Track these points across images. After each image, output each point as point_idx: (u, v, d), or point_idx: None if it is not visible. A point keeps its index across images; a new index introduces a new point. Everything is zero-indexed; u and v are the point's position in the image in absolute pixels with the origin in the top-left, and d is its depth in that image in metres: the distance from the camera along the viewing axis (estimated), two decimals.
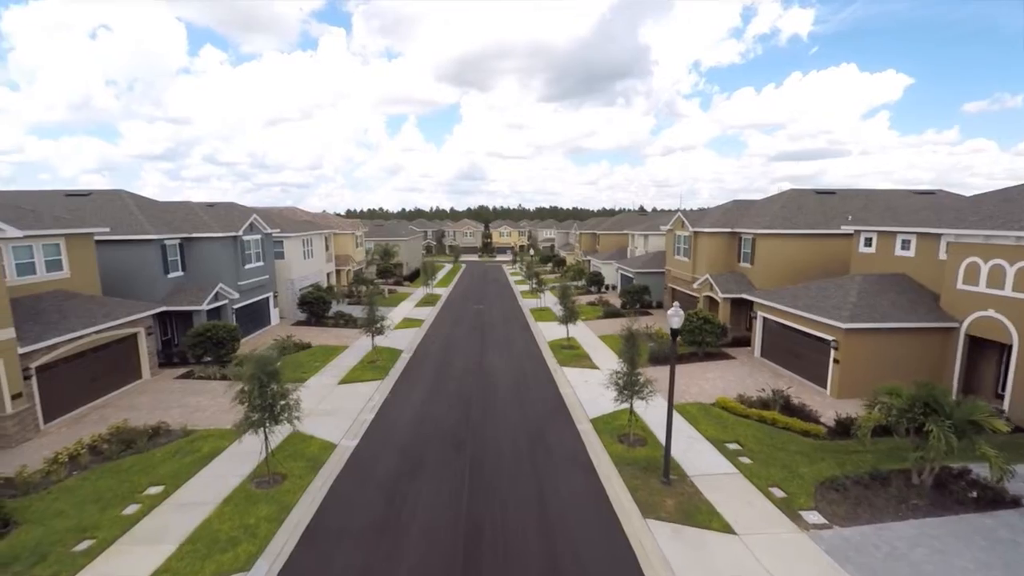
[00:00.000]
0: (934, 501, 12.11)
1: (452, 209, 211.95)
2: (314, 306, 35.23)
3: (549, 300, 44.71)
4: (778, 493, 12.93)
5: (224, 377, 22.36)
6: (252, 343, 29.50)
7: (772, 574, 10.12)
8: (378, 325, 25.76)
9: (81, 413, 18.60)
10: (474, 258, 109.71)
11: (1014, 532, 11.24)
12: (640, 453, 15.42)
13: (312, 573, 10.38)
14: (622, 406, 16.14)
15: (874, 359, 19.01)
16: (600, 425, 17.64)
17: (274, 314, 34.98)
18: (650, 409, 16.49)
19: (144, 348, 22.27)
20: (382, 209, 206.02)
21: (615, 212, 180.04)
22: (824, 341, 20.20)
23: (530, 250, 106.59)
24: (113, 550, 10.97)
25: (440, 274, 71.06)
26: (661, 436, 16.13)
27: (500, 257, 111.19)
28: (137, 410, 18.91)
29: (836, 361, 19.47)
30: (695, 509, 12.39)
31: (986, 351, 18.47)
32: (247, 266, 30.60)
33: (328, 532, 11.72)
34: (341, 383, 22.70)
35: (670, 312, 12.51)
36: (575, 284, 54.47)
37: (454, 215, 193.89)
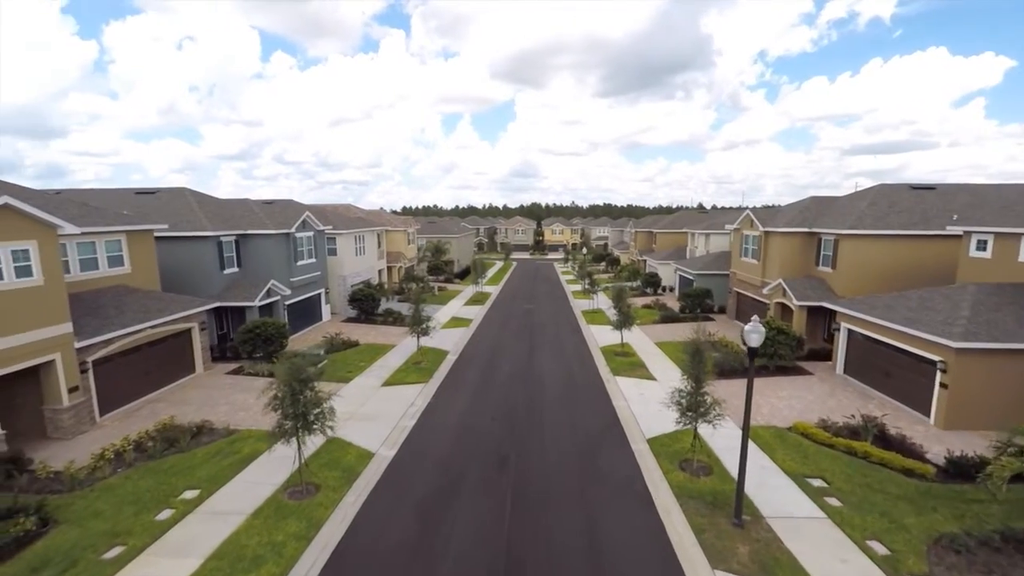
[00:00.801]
0: None
1: (504, 206, 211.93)
2: (363, 303, 35.27)
3: (602, 301, 42.76)
4: (879, 549, 10.76)
5: (271, 375, 22.37)
6: (303, 339, 29.76)
7: None
8: (423, 326, 25.03)
9: (135, 407, 18.96)
10: (525, 256, 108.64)
11: None
12: (705, 484, 13.57)
13: None
14: (683, 426, 14.30)
15: (993, 386, 16.03)
16: (658, 447, 15.86)
17: (325, 310, 35.30)
18: (716, 431, 14.54)
19: (197, 343, 22.63)
20: (436, 206, 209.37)
21: (672, 210, 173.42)
22: (926, 361, 17.33)
23: (582, 248, 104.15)
24: (140, 560, 10.57)
25: (490, 272, 70.45)
26: (729, 464, 14.25)
27: (552, 255, 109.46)
28: (187, 405, 19.07)
29: (943, 385, 16.60)
30: (774, 562, 10.49)
31: None
32: (299, 263, 30.87)
33: (357, 556, 10.82)
34: (385, 385, 22.12)
35: (748, 328, 10.65)
36: (629, 285, 52.07)
37: (506, 212, 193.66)
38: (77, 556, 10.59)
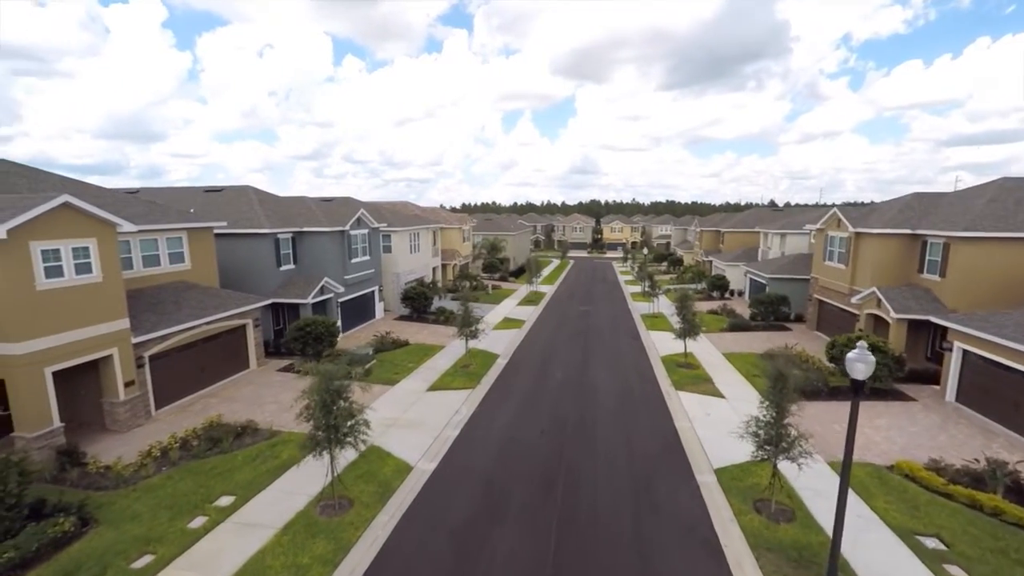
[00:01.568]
0: None
1: (563, 203, 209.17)
2: (415, 301, 34.97)
3: (664, 305, 40.15)
4: None
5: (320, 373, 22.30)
6: (355, 336, 29.77)
7: None
8: (472, 329, 24.05)
9: (189, 401, 19.28)
10: (583, 254, 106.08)
11: None
12: (786, 533, 11.51)
13: None
14: (760, 459, 12.22)
15: None
16: (728, 480, 13.86)
17: (379, 308, 35.32)
18: (800, 467, 12.36)
19: (251, 339, 22.90)
20: (495, 203, 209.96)
21: (741, 207, 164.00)
22: None
23: (643, 247, 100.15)
24: (167, 573, 10.17)
25: (546, 270, 68.97)
26: (816, 509, 12.10)
27: (610, 254, 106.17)
28: (236, 402, 19.16)
29: None
30: None
31: None
32: (353, 260, 30.91)
33: None
34: (430, 389, 21.35)
35: (852, 356, 8.58)
36: (693, 288, 48.84)
37: (565, 209, 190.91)
38: (108, 562, 10.36)
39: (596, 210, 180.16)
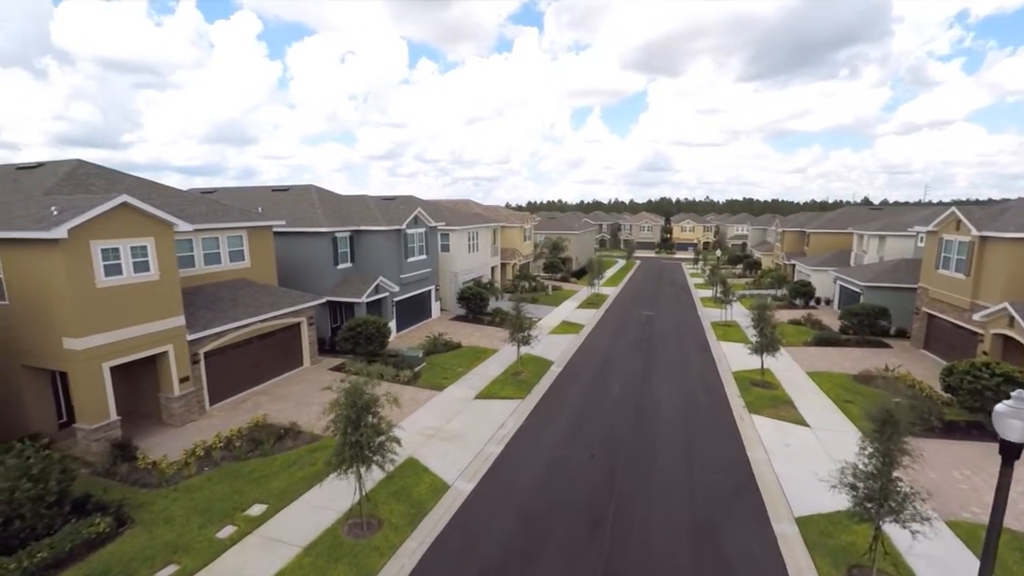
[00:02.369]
0: None
1: (631, 201, 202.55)
2: (471, 302, 34.28)
3: (738, 313, 36.84)
4: None
5: (369, 374, 22.01)
6: (409, 336, 29.53)
7: None
8: (524, 335, 22.77)
9: (242, 398, 19.56)
10: (650, 254, 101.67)
11: None
12: None
13: None
14: (855, 513, 9.92)
15: None
16: (814, 534, 11.60)
17: (435, 307, 35.01)
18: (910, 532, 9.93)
19: (305, 337, 23.07)
20: (561, 201, 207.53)
21: (830, 205, 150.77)
22: None
23: (716, 248, 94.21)
24: None
25: (610, 271, 66.34)
26: None
27: (680, 254, 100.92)
28: (285, 401, 19.18)
29: None
30: None
31: None
32: (410, 259, 30.68)
33: None
34: (478, 397, 20.35)
35: (1004, 410, 6.33)
36: (773, 294, 44.65)
37: (632, 208, 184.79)
38: (134, 571, 10.17)
39: (666, 208, 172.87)
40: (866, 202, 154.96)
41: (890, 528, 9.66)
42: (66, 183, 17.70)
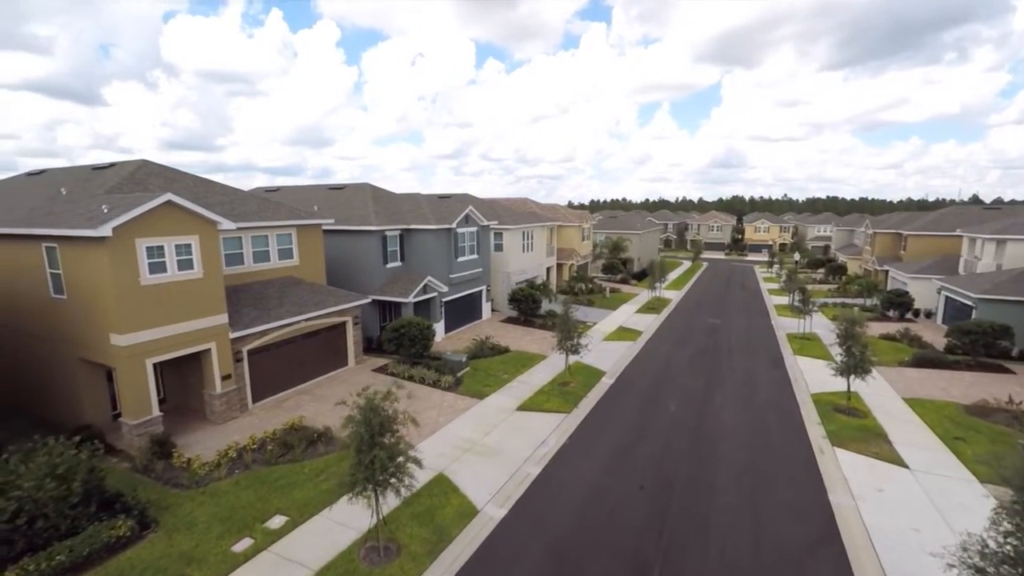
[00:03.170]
0: None
1: (700, 200, 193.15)
2: (523, 304, 33.08)
3: (819, 324, 33.07)
4: None
5: (411, 378, 21.48)
6: (457, 337, 28.83)
7: None
8: (573, 343, 21.20)
9: (284, 396, 19.52)
10: (719, 256, 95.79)
11: None
12: None
13: None
14: None
15: None
16: None
17: (486, 308, 34.15)
18: None
19: (351, 337, 22.85)
20: (625, 199, 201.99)
21: (929, 204, 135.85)
22: None
23: (794, 251, 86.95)
24: None
25: (674, 273, 62.73)
26: None
27: (753, 256, 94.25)
28: (324, 402, 18.87)
29: None
30: None
31: None
32: (460, 259, 29.97)
33: None
34: (520, 408, 19.10)
35: None
36: (861, 303, 39.96)
37: (701, 206, 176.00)
38: None
39: (738, 207, 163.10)
40: (976, 200, 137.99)
41: None
42: (127, 182, 18.31)
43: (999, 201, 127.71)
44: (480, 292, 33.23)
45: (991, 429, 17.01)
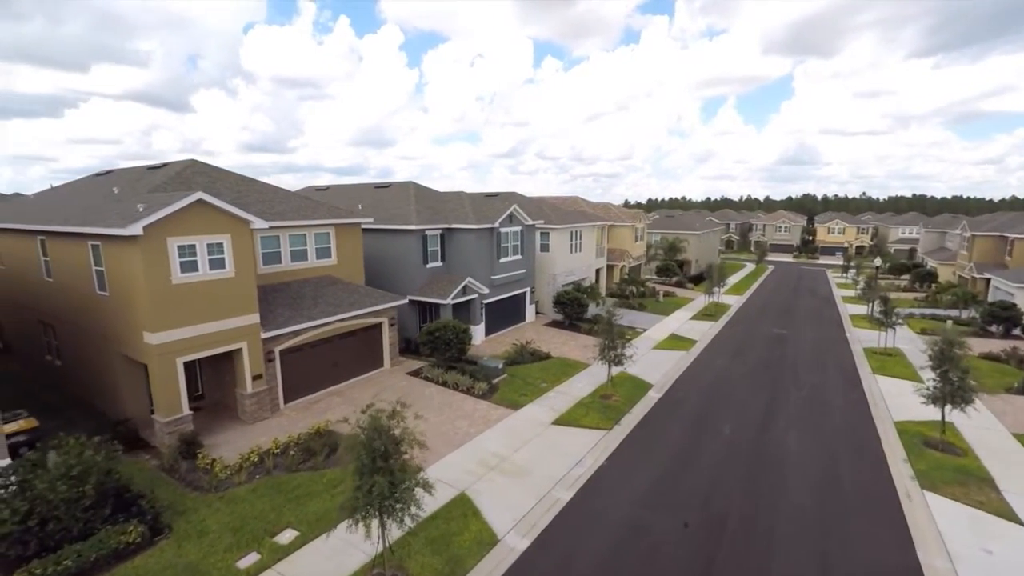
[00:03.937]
0: None
1: (767, 198, 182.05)
2: (568, 307, 31.57)
3: (903, 337, 29.33)
4: None
5: (444, 383, 20.70)
6: (497, 340, 27.86)
7: None
8: (617, 353, 19.57)
9: (317, 397, 19.25)
10: (787, 258, 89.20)
11: None
12: None
13: None
14: None
15: None
16: None
17: (529, 310, 32.96)
18: None
19: (387, 338, 22.38)
20: (685, 198, 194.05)
21: None
22: None
23: (874, 254, 79.41)
24: None
25: (735, 277, 58.81)
26: None
27: (825, 260, 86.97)
28: (355, 405, 18.11)
29: None
30: None
31: None
32: (502, 259, 28.95)
33: None
34: (556, 422, 17.78)
35: None
36: (956, 316, 35.29)
37: (768, 205, 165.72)
38: None
39: (809, 206, 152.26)
40: None
41: None
42: (173, 181, 18.65)
43: None
44: (523, 294, 32.08)
45: None
